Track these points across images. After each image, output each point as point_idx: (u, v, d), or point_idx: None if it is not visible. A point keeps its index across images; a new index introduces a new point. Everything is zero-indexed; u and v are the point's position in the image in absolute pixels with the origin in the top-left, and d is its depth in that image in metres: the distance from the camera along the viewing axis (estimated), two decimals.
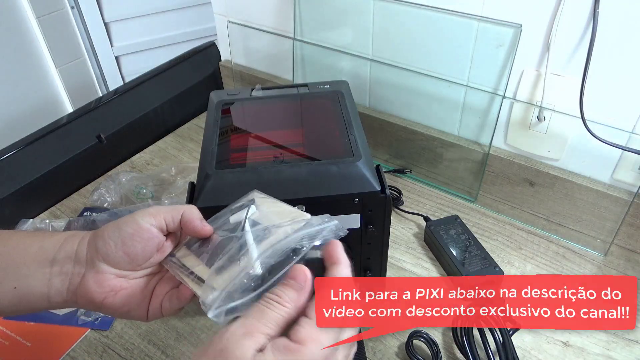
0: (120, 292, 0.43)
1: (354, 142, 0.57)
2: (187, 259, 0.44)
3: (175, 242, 0.46)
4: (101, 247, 0.42)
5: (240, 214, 0.46)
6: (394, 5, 0.77)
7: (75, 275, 0.43)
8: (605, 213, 0.72)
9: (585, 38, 0.64)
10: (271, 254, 0.40)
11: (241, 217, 0.45)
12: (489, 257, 0.69)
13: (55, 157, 0.86)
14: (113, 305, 0.43)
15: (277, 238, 0.42)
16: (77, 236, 0.44)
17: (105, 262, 0.42)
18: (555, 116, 0.71)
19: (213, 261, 0.42)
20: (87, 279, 0.42)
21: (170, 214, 0.44)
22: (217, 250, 0.43)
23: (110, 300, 0.43)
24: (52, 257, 0.43)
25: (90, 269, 0.43)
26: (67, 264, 0.43)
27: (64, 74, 1.56)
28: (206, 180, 0.53)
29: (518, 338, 0.61)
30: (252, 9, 0.96)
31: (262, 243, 0.42)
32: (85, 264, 0.43)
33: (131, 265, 0.43)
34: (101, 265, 0.42)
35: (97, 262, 0.42)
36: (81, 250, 0.43)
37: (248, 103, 0.68)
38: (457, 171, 0.83)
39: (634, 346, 0.60)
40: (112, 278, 0.43)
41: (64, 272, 0.43)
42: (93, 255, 0.43)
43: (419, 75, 0.80)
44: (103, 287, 0.42)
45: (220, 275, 0.41)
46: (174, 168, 0.87)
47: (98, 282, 0.42)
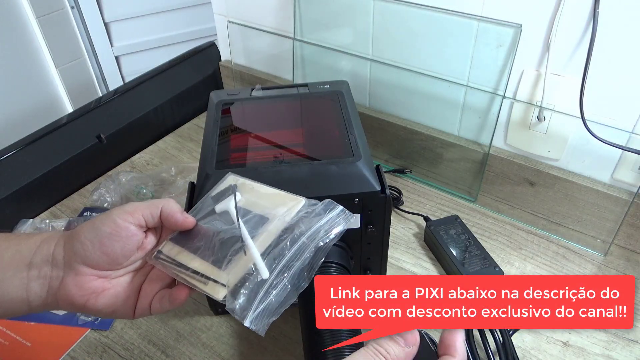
0: (103, 293, 0.42)
1: (354, 142, 0.57)
2: (179, 255, 0.43)
3: (156, 237, 0.45)
4: (78, 248, 0.41)
5: (226, 202, 0.44)
6: (394, 5, 0.77)
7: (55, 278, 0.41)
8: (605, 213, 0.72)
9: (585, 38, 0.64)
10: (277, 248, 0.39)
11: (227, 205, 0.44)
12: (489, 257, 0.69)
13: (55, 157, 0.86)
14: (96, 307, 0.42)
15: (277, 227, 0.40)
16: (53, 238, 0.43)
17: (83, 264, 0.41)
18: (555, 116, 0.71)
19: (211, 255, 0.41)
20: (67, 282, 0.41)
21: (148, 210, 0.43)
22: (212, 244, 0.42)
23: (92, 302, 0.42)
24: (29, 261, 0.42)
25: (69, 271, 0.41)
26: (44, 267, 0.42)
27: (64, 74, 1.56)
28: (206, 180, 0.53)
29: (518, 338, 0.61)
30: (252, 9, 0.96)
31: (263, 234, 0.40)
32: (63, 266, 0.41)
33: (111, 265, 0.42)
34: (80, 267, 0.41)
35: (76, 264, 0.41)
36: (58, 253, 0.42)
37: (248, 103, 0.68)
38: (457, 171, 0.83)
39: (634, 346, 0.60)
40: (93, 279, 0.42)
41: (42, 276, 0.41)
42: (71, 258, 0.41)
43: (419, 75, 0.80)
44: (84, 290, 0.41)
45: (227, 271, 0.39)
46: (174, 168, 0.87)
47: (78, 285, 0.41)
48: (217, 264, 0.41)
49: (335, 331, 0.43)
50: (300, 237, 0.39)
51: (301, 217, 0.41)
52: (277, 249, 0.39)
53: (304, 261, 0.38)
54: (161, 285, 0.44)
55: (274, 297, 0.37)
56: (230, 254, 0.40)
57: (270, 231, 0.41)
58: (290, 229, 0.40)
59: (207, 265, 0.41)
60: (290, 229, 0.40)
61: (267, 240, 0.40)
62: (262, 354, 0.61)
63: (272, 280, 0.38)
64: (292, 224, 0.40)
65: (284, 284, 0.38)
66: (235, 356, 0.61)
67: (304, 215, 0.41)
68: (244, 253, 0.40)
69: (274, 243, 0.40)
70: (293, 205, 0.42)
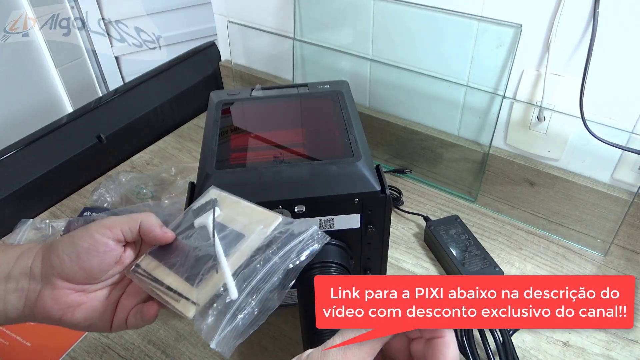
0: (80, 306, 0.42)
1: (354, 142, 0.57)
2: (156, 270, 0.43)
3: (135, 251, 0.45)
4: (56, 262, 0.41)
5: (205, 217, 0.44)
6: (394, 5, 0.77)
7: (32, 291, 0.41)
8: (605, 213, 0.72)
9: (585, 38, 0.64)
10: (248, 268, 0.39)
11: (206, 220, 0.44)
12: (489, 257, 0.69)
13: (55, 157, 0.86)
14: (73, 321, 0.42)
15: (251, 246, 0.40)
16: (32, 251, 0.43)
17: (61, 278, 0.41)
18: (555, 116, 0.71)
19: (185, 272, 0.41)
20: (44, 296, 0.41)
21: (127, 225, 0.42)
22: (187, 260, 0.42)
23: (69, 316, 0.42)
24: (7, 273, 0.41)
25: (46, 285, 0.41)
26: (22, 280, 0.41)
27: (64, 74, 1.56)
28: (206, 180, 0.53)
29: (518, 338, 0.61)
30: (252, 9, 0.96)
31: (236, 253, 0.40)
32: (41, 280, 0.41)
33: (88, 279, 0.42)
34: (57, 281, 0.41)
35: (53, 278, 0.41)
36: (36, 266, 0.42)
37: (248, 103, 0.68)
38: (457, 171, 0.83)
39: (634, 346, 0.60)
40: (70, 294, 0.41)
41: (19, 289, 0.41)
42: (48, 271, 0.41)
43: (419, 75, 0.80)
44: (60, 304, 0.41)
45: (198, 289, 0.39)
46: (174, 168, 0.87)
47: (55, 298, 0.41)
48: (190, 280, 0.41)
49: (335, 331, 0.43)
50: (272, 257, 0.39)
51: (275, 236, 0.41)
52: (248, 269, 0.39)
53: (273, 284, 0.38)
54: (138, 299, 0.44)
55: (241, 320, 0.37)
56: (203, 271, 0.40)
57: (243, 250, 0.40)
58: (262, 248, 0.40)
59: (180, 281, 0.41)
60: (262, 249, 0.40)
61: (239, 259, 0.40)
62: (262, 354, 0.61)
63: (240, 302, 0.38)
64: (265, 243, 0.40)
65: (252, 306, 0.38)
66: (235, 356, 0.61)
67: (278, 234, 0.41)
68: (216, 272, 0.40)
69: (245, 263, 0.39)
70: (269, 223, 0.42)
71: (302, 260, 0.39)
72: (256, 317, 0.38)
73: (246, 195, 0.52)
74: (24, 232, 0.75)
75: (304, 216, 0.53)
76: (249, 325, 0.37)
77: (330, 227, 0.55)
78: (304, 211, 0.52)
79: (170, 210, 0.77)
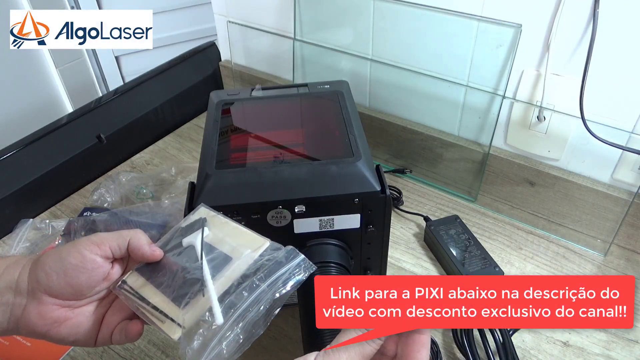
0: (65, 322, 0.42)
1: (354, 142, 0.57)
2: (142, 288, 0.43)
3: (123, 266, 0.45)
4: (42, 278, 0.40)
5: (193, 236, 0.44)
6: (394, 5, 0.77)
7: (17, 306, 0.41)
8: (605, 213, 0.72)
9: (585, 38, 0.64)
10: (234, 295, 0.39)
11: (194, 240, 0.44)
12: (489, 257, 0.69)
13: (55, 157, 0.86)
14: (58, 336, 0.42)
15: (238, 270, 0.40)
16: (18, 264, 0.42)
17: (47, 294, 0.41)
18: (555, 116, 0.71)
19: (172, 292, 0.41)
20: (29, 311, 0.41)
21: (115, 242, 0.42)
22: (175, 281, 0.42)
23: (54, 331, 0.41)
24: None
25: (31, 300, 0.41)
26: (7, 293, 0.41)
27: (64, 74, 1.56)
28: (206, 180, 0.53)
29: (518, 338, 0.61)
30: (252, 9, 0.96)
31: (222, 277, 0.40)
32: (26, 294, 0.41)
33: (75, 295, 0.42)
34: (43, 296, 0.41)
35: (39, 294, 0.41)
36: (22, 280, 0.41)
37: (248, 103, 0.68)
38: (457, 171, 0.83)
39: (633, 346, 0.60)
40: (56, 309, 0.41)
41: (4, 303, 0.41)
42: (34, 286, 0.41)
43: (419, 75, 0.80)
44: (46, 319, 0.41)
45: (184, 311, 0.39)
46: (174, 168, 0.87)
47: (40, 314, 0.41)
48: (177, 302, 0.41)
49: (335, 331, 0.43)
50: (260, 285, 0.39)
51: (262, 263, 0.41)
52: (235, 296, 0.39)
53: (258, 312, 0.38)
54: (123, 315, 0.44)
55: (225, 346, 0.37)
56: (190, 294, 0.40)
57: (229, 275, 0.41)
58: (249, 275, 0.40)
59: (167, 302, 0.41)
60: (249, 275, 0.40)
61: (226, 283, 0.40)
62: (262, 354, 0.61)
63: (226, 329, 0.38)
64: (252, 270, 0.40)
65: (237, 334, 0.38)
66: None
67: (266, 261, 0.41)
68: (202, 295, 0.40)
69: (231, 289, 0.40)
70: (257, 247, 0.42)
71: (287, 290, 0.39)
72: (241, 344, 0.38)
73: (246, 195, 0.52)
74: (24, 232, 0.75)
75: (304, 216, 0.53)
76: (233, 353, 0.38)
77: (330, 227, 0.55)
78: (304, 211, 0.53)
79: (170, 210, 0.77)
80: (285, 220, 0.53)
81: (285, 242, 0.55)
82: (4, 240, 0.78)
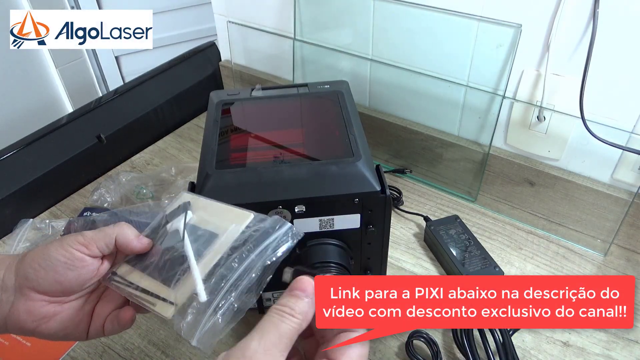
0: (54, 317, 0.41)
1: (354, 142, 0.57)
2: (132, 276, 0.43)
3: (111, 260, 0.44)
4: (31, 275, 0.40)
5: (177, 221, 0.44)
6: (394, 5, 0.77)
7: (4, 303, 0.41)
8: (605, 213, 0.72)
9: (585, 38, 0.64)
10: (224, 267, 0.39)
11: (178, 224, 0.44)
12: (489, 257, 0.69)
13: (55, 157, 0.86)
14: (48, 331, 0.41)
15: (225, 244, 0.41)
16: (3, 263, 0.42)
17: (35, 291, 0.40)
18: (555, 116, 0.71)
19: (161, 274, 0.41)
20: (17, 308, 0.40)
21: (103, 241, 0.42)
22: (163, 263, 0.42)
23: (44, 327, 0.41)
24: None
25: (19, 296, 0.41)
26: None
27: (64, 74, 1.56)
28: (206, 180, 0.53)
29: (518, 338, 0.61)
30: (252, 9, 0.96)
31: (210, 253, 0.41)
32: (14, 291, 0.41)
33: (64, 292, 0.42)
34: (31, 293, 0.40)
35: (26, 290, 0.40)
36: (9, 278, 0.41)
37: (248, 103, 0.68)
38: (457, 171, 0.83)
39: (633, 346, 0.60)
40: (45, 305, 0.41)
41: None
42: (22, 283, 0.40)
43: (419, 75, 0.80)
44: (34, 315, 0.41)
45: (175, 289, 0.40)
46: (174, 168, 0.87)
47: (29, 310, 0.40)
48: (167, 282, 0.41)
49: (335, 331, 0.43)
50: (249, 255, 0.39)
51: (249, 234, 0.41)
52: (224, 268, 0.39)
53: (250, 280, 0.39)
54: (114, 305, 0.44)
55: (220, 316, 0.37)
56: (179, 273, 0.41)
57: (217, 250, 0.41)
58: (238, 247, 0.40)
59: (157, 284, 0.41)
60: (238, 247, 0.40)
61: (214, 258, 0.40)
62: None
63: (219, 300, 0.38)
64: (240, 242, 0.41)
65: (231, 303, 0.38)
66: None
67: (253, 232, 0.41)
68: (190, 273, 0.40)
69: (221, 261, 0.40)
70: (241, 221, 0.42)
71: (278, 257, 0.39)
72: (235, 313, 0.38)
73: (246, 195, 0.52)
74: (24, 232, 0.75)
75: (304, 216, 0.53)
76: (229, 323, 0.38)
77: (330, 227, 0.55)
78: (304, 211, 0.53)
79: None
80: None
81: None
82: (4, 240, 0.78)
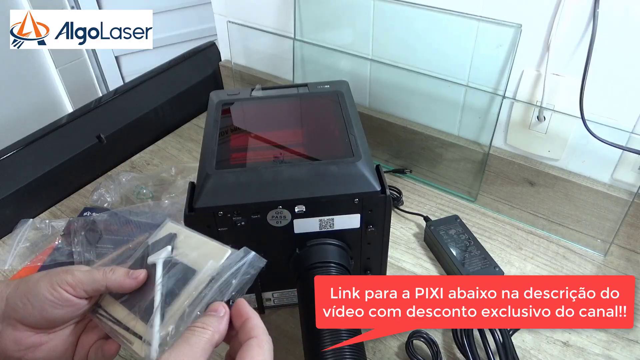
0: (41, 347, 0.42)
1: (354, 142, 0.57)
2: (115, 310, 0.43)
3: (98, 297, 0.45)
4: (19, 308, 0.41)
5: (158, 254, 0.45)
6: (394, 5, 0.77)
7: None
8: (605, 213, 0.72)
9: (585, 38, 0.64)
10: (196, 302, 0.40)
11: (157, 259, 0.44)
12: (489, 257, 0.69)
13: (55, 157, 0.86)
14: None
15: (201, 281, 0.41)
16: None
17: (21, 323, 0.41)
18: (555, 116, 0.71)
19: (140, 311, 0.42)
20: (4, 337, 0.41)
21: (91, 287, 0.42)
22: (144, 299, 0.42)
23: (29, 356, 0.41)
24: None
25: (6, 325, 0.41)
26: None
27: (64, 74, 1.56)
28: (206, 180, 0.53)
29: (518, 338, 0.61)
30: (252, 9, 0.96)
31: (184, 293, 0.41)
32: (1, 320, 0.41)
33: (50, 326, 0.42)
34: (18, 324, 0.41)
35: (13, 321, 0.41)
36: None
37: (248, 103, 0.68)
38: (457, 171, 0.83)
39: (634, 346, 0.60)
40: (31, 335, 0.41)
41: None
42: (10, 314, 0.41)
43: (419, 75, 0.80)
44: (21, 345, 0.41)
45: (149, 328, 0.40)
46: (174, 168, 0.87)
47: (15, 340, 0.41)
48: (144, 319, 0.42)
49: (335, 331, 0.43)
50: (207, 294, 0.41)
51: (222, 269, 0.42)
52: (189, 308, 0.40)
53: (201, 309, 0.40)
54: (98, 335, 0.44)
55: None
56: (155, 311, 0.41)
57: (196, 286, 0.42)
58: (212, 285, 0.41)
59: (136, 320, 0.42)
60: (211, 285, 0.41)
61: (189, 297, 0.41)
62: None
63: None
64: (215, 280, 0.42)
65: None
66: None
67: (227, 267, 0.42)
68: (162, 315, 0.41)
69: (196, 301, 0.41)
70: (219, 257, 0.43)
71: (234, 290, 0.41)
72: None
73: (246, 195, 0.52)
74: (24, 232, 0.75)
75: (304, 216, 0.53)
76: None
77: (330, 227, 0.55)
78: (304, 211, 0.53)
79: (170, 210, 0.77)
80: (285, 220, 0.53)
81: (285, 242, 0.55)
82: (4, 240, 0.78)
